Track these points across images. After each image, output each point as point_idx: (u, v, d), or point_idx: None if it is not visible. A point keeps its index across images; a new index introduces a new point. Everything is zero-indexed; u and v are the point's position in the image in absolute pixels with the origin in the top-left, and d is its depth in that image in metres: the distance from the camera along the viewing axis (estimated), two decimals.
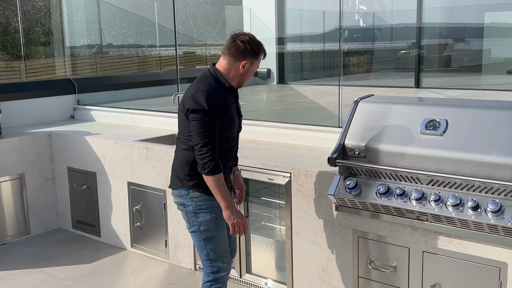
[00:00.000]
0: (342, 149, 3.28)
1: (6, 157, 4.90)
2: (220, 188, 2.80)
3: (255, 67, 2.95)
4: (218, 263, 2.98)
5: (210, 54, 9.07)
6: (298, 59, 8.77)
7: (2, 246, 4.90)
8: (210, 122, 2.75)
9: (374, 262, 3.27)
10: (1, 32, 16.57)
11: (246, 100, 6.95)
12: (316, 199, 3.47)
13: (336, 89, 4.39)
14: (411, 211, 2.98)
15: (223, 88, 2.84)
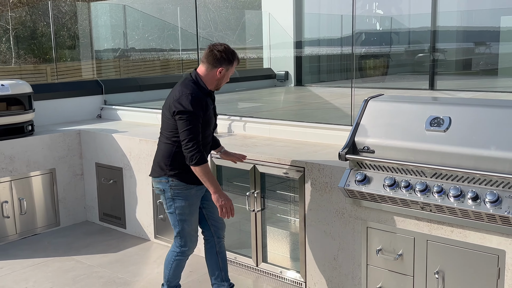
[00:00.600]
0: (352, 145, 3.51)
1: (38, 153, 5.23)
2: (207, 176, 3.26)
3: (230, 72, 3.41)
4: (187, 240, 3.50)
5: None
6: (315, 62, 9.00)
7: (34, 236, 5.22)
8: (194, 121, 3.21)
9: (382, 251, 3.49)
10: (29, 36, 17.11)
11: (265, 101, 7.22)
12: (328, 192, 3.71)
13: (347, 91, 4.62)
14: (415, 202, 3.20)
15: (203, 92, 3.30)
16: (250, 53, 9.60)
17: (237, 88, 7.94)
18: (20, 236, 5.16)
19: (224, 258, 3.71)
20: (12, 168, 5.04)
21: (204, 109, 3.27)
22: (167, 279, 3.63)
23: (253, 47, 9.52)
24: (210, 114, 3.39)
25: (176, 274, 3.64)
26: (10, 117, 5.02)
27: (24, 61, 15.68)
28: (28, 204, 5.19)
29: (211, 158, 4.37)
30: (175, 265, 3.59)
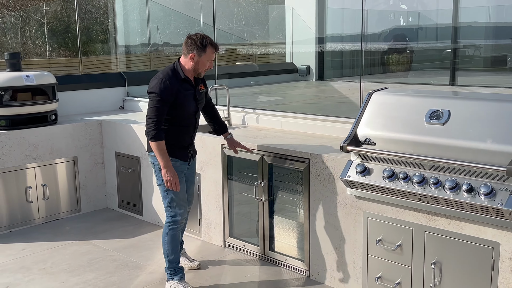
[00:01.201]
0: (354, 137, 3.59)
1: (61, 141, 5.46)
2: (159, 152, 3.63)
3: (206, 58, 3.69)
4: (176, 209, 3.82)
5: (249, 52, 9.46)
6: (338, 57, 9.03)
7: (55, 221, 5.47)
8: (158, 102, 3.60)
9: (381, 241, 3.57)
10: (63, 30, 17.60)
11: (283, 95, 7.31)
12: (331, 183, 3.80)
13: (371, 85, 4.68)
14: (413, 193, 3.26)
15: (177, 78, 3.68)
16: (275, 48, 9.70)
17: (258, 82, 8.05)
18: (43, 220, 5.41)
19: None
20: (36, 155, 5.29)
21: (175, 94, 3.64)
22: (166, 256, 3.87)
23: (278, 42, 9.61)
24: (185, 98, 3.71)
25: (174, 248, 3.85)
26: (34, 107, 5.26)
27: (58, 54, 16.15)
28: (51, 190, 5.43)
29: (222, 150, 4.51)
30: (170, 237, 3.84)
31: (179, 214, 3.83)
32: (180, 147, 3.81)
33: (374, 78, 8.88)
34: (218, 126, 4.17)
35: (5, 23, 18.86)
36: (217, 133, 4.24)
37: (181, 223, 3.89)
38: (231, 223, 4.62)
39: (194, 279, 4.08)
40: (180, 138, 3.79)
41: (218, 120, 4.18)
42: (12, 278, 4.15)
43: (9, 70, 5.34)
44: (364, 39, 9.32)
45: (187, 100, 3.73)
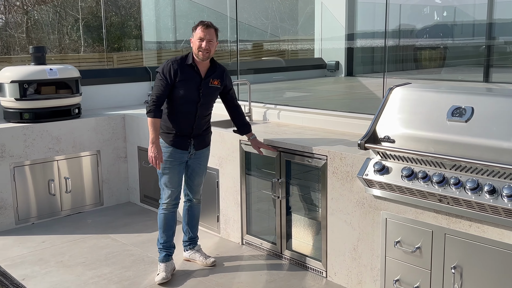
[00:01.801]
0: (373, 133, 3.46)
1: (84, 134, 5.49)
2: (151, 128, 3.77)
3: (196, 37, 3.77)
4: (164, 193, 3.99)
5: (278, 47, 9.34)
6: (368, 52, 8.82)
7: (77, 214, 5.50)
8: (160, 81, 3.78)
9: (400, 243, 3.42)
10: (98, 25, 17.84)
11: (309, 90, 7.18)
12: (349, 181, 3.67)
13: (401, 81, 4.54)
14: (432, 194, 3.11)
15: (184, 63, 3.82)
16: (304, 44, 9.55)
17: (281, 78, 7.93)
18: (65, 213, 5.45)
19: (192, 216, 4.23)
20: (59, 148, 5.32)
21: (173, 76, 3.76)
22: (158, 238, 4.08)
23: (307, 38, 9.47)
24: (185, 84, 3.79)
25: (164, 231, 4.01)
26: (57, 100, 5.30)
27: (93, 50, 16.38)
28: (73, 183, 5.46)
29: (240, 146, 4.43)
30: (160, 219, 4.02)
31: (165, 198, 3.99)
32: (179, 134, 3.88)
33: (406, 74, 8.65)
34: (241, 126, 4.15)
35: (43, 19, 19.28)
36: (241, 133, 4.18)
37: (168, 207, 4.00)
38: (249, 220, 4.54)
39: (209, 276, 4.03)
40: (179, 125, 3.87)
41: (241, 120, 4.16)
42: (30, 270, 4.18)
43: (33, 63, 5.40)
44: (396, 35, 9.11)
45: (187, 86, 3.80)
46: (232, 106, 4.12)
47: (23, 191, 5.13)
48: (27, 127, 5.10)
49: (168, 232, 4.02)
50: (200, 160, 4.07)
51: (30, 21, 18.39)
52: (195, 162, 4.05)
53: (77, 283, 3.95)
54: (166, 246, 4.03)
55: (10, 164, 5.02)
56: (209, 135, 4.11)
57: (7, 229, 5.06)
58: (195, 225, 4.27)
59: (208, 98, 3.94)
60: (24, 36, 17.80)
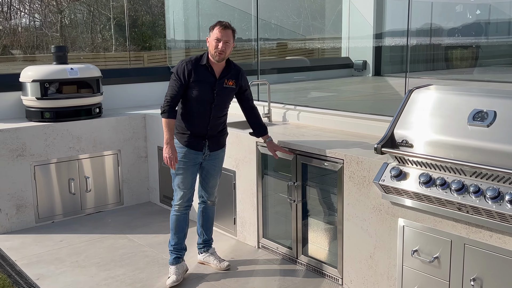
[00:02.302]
0: (391, 137, 3.32)
1: (104, 134, 5.49)
2: (165, 128, 3.73)
3: (213, 37, 3.71)
4: (176, 194, 3.93)
5: (304, 46, 9.19)
6: (398, 52, 8.59)
7: (97, 214, 5.51)
8: (174, 82, 3.74)
9: (417, 252, 3.27)
10: (130, 24, 18.00)
11: (334, 90, 7.04)
12: (366, 186, 3.54)
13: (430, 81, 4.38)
14: (451, 201, 2.95)
15: (199, 63, 3.76)
16: (333, 43, 9.39)
17: (302, 78, 7.79)
18: (85, 212, 5.46)
19: (207, 218, 4.17)
20: (79, 147, 5.34)
21: (187, 76, 3.72)
22: (169, 239, 4.02)
23: (334, 36, 9.30)
24: (199, 84, 3.74)
25: (175, 233, 3.96)
26: (78, 99, 5.31)
27: (124, 49, 16.53)
28: (94, 182, 5.48)
29: (257, 147, 4.34)
30: (172, 221, 3.97)
31: (177, 199, 3.93)
32: (194, 135, 3.83)
33: (437, 74, 8.40)
34: (257, 128, 4.08)
35: (77, 18, 19.59)
36: (256, 135, 4.10)
37: (180, 208, 3.95)
38: (265, 224, 4.45)
39: (221, 280, 3.95)
40: (193, 125, 3.82)
41: (257, 121, 4.08)
42: (45, 270, 4.19)
43: (55, 63, 5.42)
44: (427, 33, 8.85)
45: (201, 86, 3.75)
46: (248, 108, 4.04)
47: (43, 189, 5.16)
48: (47, 126, 5.13)
49: (179, 234, 3.96)
50: (215, 161, 4.00)
51: (64, 20, 18.70)
52: (210, 163, 3.98)
53: (89, 284, 3.93)
54: (177, 249, 3.97)
55: (30, 163, 5.06)
56: (225, 136, 4.04)
57: (27, 227, 5.11)
58: (210, 227, 4.20)
59: (223, 99, 3.86)
60: (58, 35, 18.12)
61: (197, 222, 4.22)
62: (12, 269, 4.19)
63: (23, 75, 5.24)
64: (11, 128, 4.94)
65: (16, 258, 4.41)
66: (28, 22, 18.98)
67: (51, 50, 5.50)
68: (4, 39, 17.43)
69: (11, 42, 17.18)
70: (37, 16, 19.38)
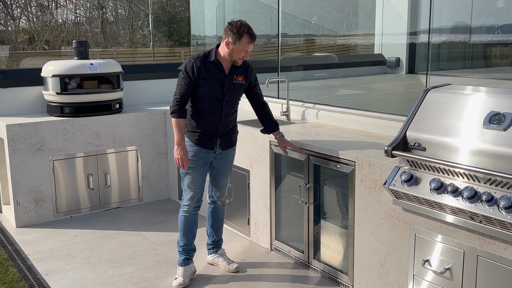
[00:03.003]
0: (403, 139, 3.13)
1: (124, 130, 5.47)
2: (176, 129, 3.63)
3: (241, 47, 3.56)
4: (186, 194, 3.82)
5: (333, 42, 8.96)
6: (434, 48, 8.26)
7: (115, 209, 5.50)
8: (183, 80, 3.62)
9: (428, 262, 3.08)
10: (168, 20, 18.13)
11: (363, 88, 6.81)
12: (377, 191, 3.35)
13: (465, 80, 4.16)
14: (462, 210, 2.75)
15: (207, 60, 3.64)
16: (366, 39, 9.13)
17: (324, 75, 7.57)
18: (103, 208, 5.46)
19: (216, 219, 4.09)
20: (98, 143, 5.34)
21: (196, 74, 3.59)
22: (178, 240, 3.94)
23: (367, 33, 9.03)
24: (209, 81, 3.63)
25: (184, 233, 3.87)
26: (98, 95, 5.30)
27: (161, 44, 16.66)
28: (112, 178, 5.47)
29: (270, 146, 4.21)
30: (181, 221, 3.87)
31: (187, 199, 3.82)
32: (205, 134, 3.73)
33: (475, 72, 8.03)
34: (267, 123, 3.95)
35: (118, 14, 19.87)
36: (267, 132, 3.97)
37: (189, 209, 3.85)
38: (278, 225, 4.32)
39: (229, 283, 3.85)
40: (204, 123, 3.72)
41: (268, 117, 3.95)
42: (55, 265, 4.19)
43: (76, 58, 5.44)
44: (466, 31, 8.48)
45: (211, 83, 3.65)
46: (257, 103, 3.92)
47: (62, 184, 5.19)
48: (67, 121, 5.15)
49: (188, 235, 3.88)
50: (226, 160, 3.90)
51: (105, 15, 19.00)
52: (221, 162, 3.88)
53: (96, 281, 3.90)
54: (186, 250, 3.89)
55: (49, 157, 5.09)
56: (235, 134, 3.92)
57: (45, 221, 5.14)
58: (219, 228, 4.10)
59: (233, 95, 3.76)
60: (99, 30, 18.44)
61: (207, 222, 4.13)
62: (24, 264, 4.21)
63: (44, 70, 5.27)
64: (31, 123, 4.97)
65: (30, 252, 4.43)
66: (72, 18, 19.40)
67: (73, 45, 5.51)
68: (48, 34, 17.86)
69: (54, 37, 17.59)
70: (80, 12, 19.78)
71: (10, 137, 4.88)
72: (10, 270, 4.06)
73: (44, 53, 15.14)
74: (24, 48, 16.59)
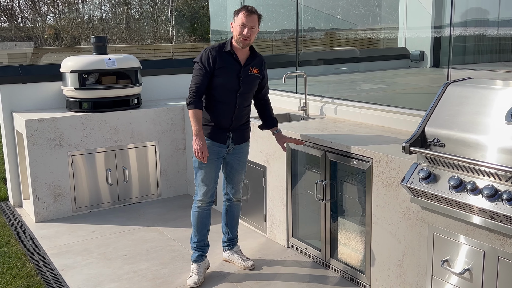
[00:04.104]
0: (421, 135, 3.03)
1: (142, 125, 5.46)
2: (193, 120, 3.57)
3: (238, 22, 3.57)
4: (199, 189, 3.77)
5: (355, 36, 8.80)
6: (459, 42, 8.05)
7: (133, 205, 5.50)
8: (199, 71, 3.58)
9: (447, 262, 2.97)
10: (192, 16, 18.13)
11: (385, 83, 6.67)
12: (395, 188, 3.26)
13: (492, 74, 4.03)
14: (482, 209, 2.64)
15: (223, 50, 3.62)
16: (389, 33, 8.94)
17: (344, 69, 7.43)
18: (122, 203, 5.47)
19: (232, 216, 4.04)
20: (117, 138, 5.34)
21: (212, 64, 3.57)
22: (191, 236, 3.90)
23: (390, 27, 8.85)
24: (225, 71, 3.60)
25: (195, 227, 3.83)
26: (116, 90, 5.30)
27: (184, 40, 16.68)
28: (131, 173, 5.47)
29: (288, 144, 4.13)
30: (194, 217, 3.83)
31: (200, 195, 3.78)
32: (218, 127, 3.70)
33: (503, 66, 7.80)
34: (267, 119, 3.94)
35: (143, 10, 19.97)
36: (266, 127, 3.97)
37: (202, 204, 3.80)
38: (294, 223, 4.25)
39: (245, 281, 3.79)
40: (218, 116, 3.68)
41: (269, 113, 3.95)
42: (72, 260, 4.20)
43: (95, 53, 5.44)
44: (494, 24, 8.23)
45: (226, 74, 3.62)
46: (263, 99, 3.93)
47: (80, 179, 5.21)
48: (85, 116, 5.16)
49: (202, 231, 3.84)
50: (239, 156, 3.84)
51: (129, 11, 19.12)
52: (234, 158, 3.83)
53: (111, 277, 3.90)
54: (200, 246, 3.85)
55: (68, 152, 5.11)
56: (249, 130, 3.87)
57: (64, 216, 5.17)
58: (235, 225, 4.06)
59: (248, 87, 3.72)
60: (124, 26, 18.57)
61: (222, 220, 4.08)
62: (41, 258, 4.23)
63: (63, 65, 5.29)
64: (49, 118, 5.00)
65: (47, 247, 4.46)
66: (98, 14, 19.57)
67: (91, 41, 5.52)
68: (74, 30, 18.06)
69: (79, 33, 17.78)
70: (106, 8, 19.94)
71: (29, 132, 4.91)
72: (27, 265, 4.08)
73: (69, 49, 15.32)
74: (50, 44, 16.81)
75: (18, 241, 4.59)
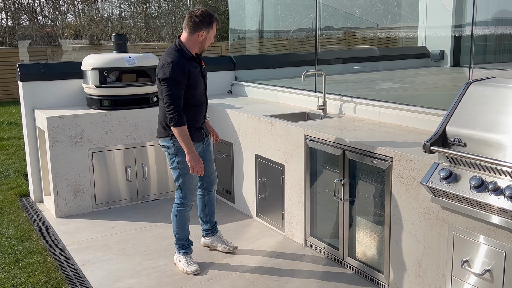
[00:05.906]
0: (442, 134, 3.01)
1: None
2: (183, 138, 3.61)
3: (212, 34, 3.69)
4: (187, 192, 3.86)
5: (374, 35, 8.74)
6: (480, 41, 7.96)
7: (152, 202, 5.55)
8: (175, 87, 3.55)
9: (468, 263, 2.95)
10: None
11: (405, 82, 6.63)
12: (415, 188, 3.24)
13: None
14: (504, 210, 2.61)
15: (185, 58, 3.61)
16: (408, 31, 8.88)
17: (363, 68, 7.39)
18: (140, 199, 5.52)
19: (212, 204, 4.22)
20: (136, 136, 5.39)
21: (187, 74, 3.59)
22: (175, 233, 4.00)
23: (410, 26, 8.79)
24: (196, 76, 3.68)
25: (182, 227, 3.96)
26: (136, 88, 5.35)
27: None
28: (150, 170, 5.51)
29: (305, 141, 4.13)
30: (178, 217, 3.93)
31: (189, 199, 3.89)
32: (196, 128, 3.81)
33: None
34: None
35: (161, 8, 20.09)
36: None
37: (190, 205, 3.93)
38: (312, 221, 4.25)
39: (261, 278, 3.81)
40: (195, 118, 3.79)
41: None
42: (91, 256, 4.25)
43: (115, 51, 5.49)
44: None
45: (197, 78, 3.73)
46: None
47: (100, 176, 5.27)
48: (105, 113, 5.21)
49: (187, 227, 4.03)
50: (208, 146, 4.09)
51: (148, 10, 19.24)
52: (205, 150, 4.03)
53: (130, 273, 3.94)
54: (188, 240, 4.05)
55: (88, 149, 5.17)
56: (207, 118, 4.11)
57: (84, 212, 5.23)
58: (214, 212, 4.34)
59: (207, 81, 3.93)
60: (143, 25, 18.70)
61: (199, 210, 4.27)
62: (62, 254, 4.29)
63: (84, 63, 5.35)
64: (70, 115, 5.06)
65: (68, 242, 4.52)
66: (117, 12, 19.74)
67: (112, 39, 5.57)
68: (93, 29, 18.23)
69: (99, 31, 17.95)
70: (125, 7, 20.09)
71: (50, 129, 4.98)
72: (48, 260, 4.14)
73: (89, 47, 15.47)
74: (70, 42, 16.98)
75: (39, 236, 4.66)
